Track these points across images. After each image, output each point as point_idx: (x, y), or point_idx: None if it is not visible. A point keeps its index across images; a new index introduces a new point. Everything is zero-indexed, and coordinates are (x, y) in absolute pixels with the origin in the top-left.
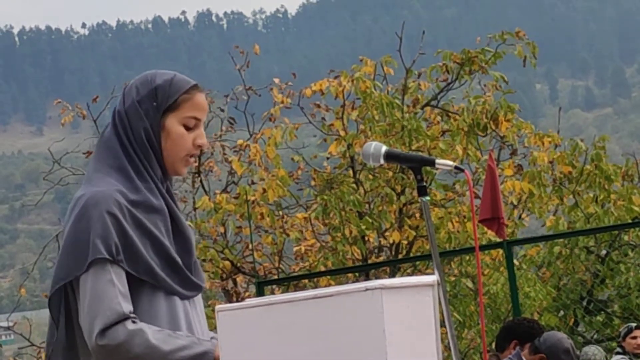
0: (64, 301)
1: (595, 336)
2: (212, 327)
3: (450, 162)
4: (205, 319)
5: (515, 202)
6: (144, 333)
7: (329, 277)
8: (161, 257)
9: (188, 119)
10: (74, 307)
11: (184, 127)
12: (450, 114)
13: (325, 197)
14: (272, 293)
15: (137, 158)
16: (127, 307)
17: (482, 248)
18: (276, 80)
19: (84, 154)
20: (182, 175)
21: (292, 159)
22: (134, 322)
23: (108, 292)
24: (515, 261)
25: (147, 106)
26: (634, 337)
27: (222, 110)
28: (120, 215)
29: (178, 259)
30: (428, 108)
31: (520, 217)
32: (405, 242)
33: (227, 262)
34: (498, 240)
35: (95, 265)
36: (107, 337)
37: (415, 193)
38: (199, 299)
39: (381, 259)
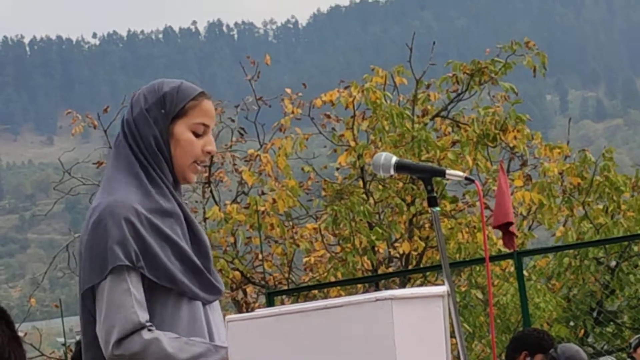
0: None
1: (605, 347)
2: None
3: (460, 173)
4: (224, 325)
5: (525, 213)
6: (159, 342)
7: (339, 287)
8: (182, 261)
9: (196, 126)
10: (94, 312)
11: (192, 134)
12: (460, 124)
13: (335, 208)
14: (282, 303)
15: (149, 165)
16: (143, 316)
17: (492, 259)
18: (288, 91)
19: (94, 164)
20: (191, 183)
21: (302, 169)
22: (149, 330)
23: (125, 301)
24: (525, 272)
25: (155, 114)
26: None
27: (233, 121)
28: (137, 222)
29: (199, 263)
30: (438, 119)
31: (530, 228)
32: (415, 252)
33: (237, 273)
34: (508, 251)
35: (113, 273)
36: (122, 347)
37: (425, 204)
38: (216, 304)
39: (391, 269)
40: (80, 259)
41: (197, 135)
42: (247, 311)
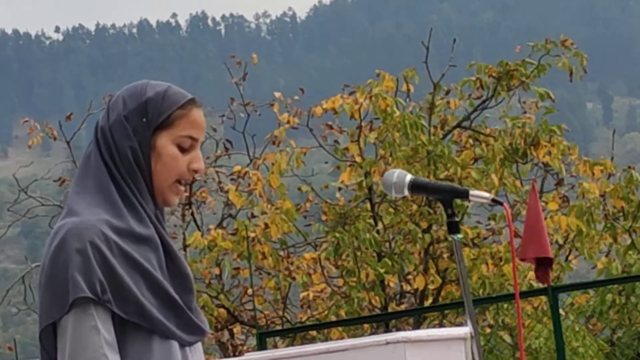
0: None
1: None
2: None
3: (486, 194)
4: None
5: (561, 242)
6: None
7: (341, 328)
8: (157, 296)
9: (183, 139)
10: (53, 354)
11: (177, 148)
12: (483, 137)
13: (338, 235)
14: (275, 346)
15: (124, 181)
16: (114, 358)
17: (523, 295)
18: (277, 95)
19: (55, 181)
20: (172, 206)
21: (300, 189)
22: None
23: (92, 340)
24: (561, 310)
25: (135, 122)
26: None
27: (215, 131)
28: (105, 248)
29: (177, 298)
30: (458, 130)
31: (567, 259)
32: (431, 287)
33: (222, 310)
34: (541, 285)
35: (77, 306)
36: None
37: (442, 230)
38: (198, 346)
39: (403, 307)
40: (40, 291)
41: (182, 150)
42: (235, 355)
